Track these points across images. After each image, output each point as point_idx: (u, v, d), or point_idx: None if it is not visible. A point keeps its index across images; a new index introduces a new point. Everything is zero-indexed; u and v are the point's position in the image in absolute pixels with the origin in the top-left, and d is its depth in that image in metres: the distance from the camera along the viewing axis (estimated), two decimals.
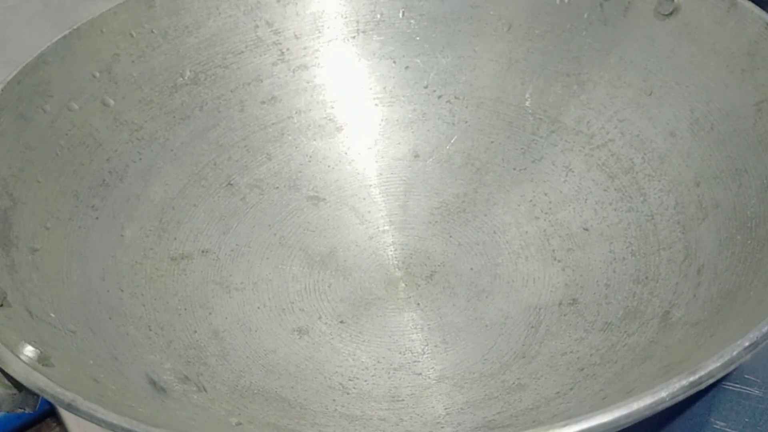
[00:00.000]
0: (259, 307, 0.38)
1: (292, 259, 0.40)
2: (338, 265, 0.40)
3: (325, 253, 0.41)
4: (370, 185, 0.44)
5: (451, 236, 0.41)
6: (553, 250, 0.39)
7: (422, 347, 0.36)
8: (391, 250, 0.41)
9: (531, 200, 0.41)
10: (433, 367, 0.35)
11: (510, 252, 0.40)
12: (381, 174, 0.45)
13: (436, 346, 0.36)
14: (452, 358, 0.35)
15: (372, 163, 0.45)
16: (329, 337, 0.37)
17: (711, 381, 0.22)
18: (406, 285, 0.39)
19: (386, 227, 0.42)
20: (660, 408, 0.22)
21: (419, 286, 0.39)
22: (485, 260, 0.40)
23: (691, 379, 0.22)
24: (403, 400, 0.34)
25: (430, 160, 0.45)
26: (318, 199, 0.43)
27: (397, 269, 0.40)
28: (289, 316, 0.38)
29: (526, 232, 0.40)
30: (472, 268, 0.39)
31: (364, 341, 0.37)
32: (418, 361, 0.36)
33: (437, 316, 0.37)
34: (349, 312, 0.38)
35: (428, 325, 0.37)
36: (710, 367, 0.22)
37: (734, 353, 0.23)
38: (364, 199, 0.44)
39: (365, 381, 0.35)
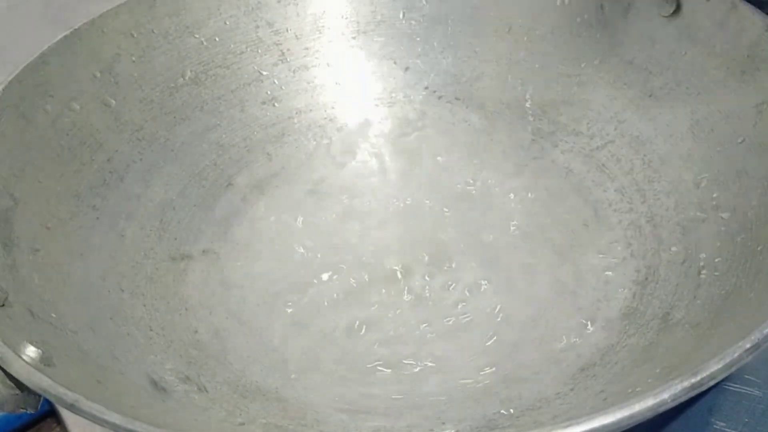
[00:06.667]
0: (258, 304, 0.38)
1: (290, 254, 0.40)
2: (338, 257, 0.40)
3: (325, 247, 0.41)
4: (370, 179, 0.44)
5: (451, 228, 0.41)
6: (553, 245, 0.39)
7: (422, 339, 0.36)
8: (390, 242, 0.41)
9: (531, 194, 0.42)
10: (432, 361, 0.35)
11: (510, 245, 0.40)
12: (381, 168, 0.45)
13: (435, 338, 0.36)
14: (451, 351, 0.35)
15: (372, 159, 0.45)
16: (329, 331, 0.37)
17: (713, 383, 0.22)
18: (405, 276, 0.39)
19: (386, 218, 0.42)
20: (662, 409, 0.22)
21: (419, 277, 0.39)
22: (485, 251, 0.40)
23: (693, 380, 0.22)
24: (403, 396, 0.34)
25: (431, 155, 0.45)
26: (317, 193, 0.43)
27: (396, 261, 0.40)
28: (289, 310, 0.38)
29: (527, 224, 0.40)
30: (472, 259, 0.39)
31: (363, 335, 0.37)
32: (418, 355, 0.35)
33: (436, 307, 0.37)
34: (349, 305, 0.38)
35: (427, 316, 0.37)
36: (712, 368, 0.22)
37: (735, 355, 0.23)
38: (363, 191, 0.44)
39: (365, 376, 0.35)
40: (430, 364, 0.35)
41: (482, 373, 0.34)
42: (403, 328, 0.37)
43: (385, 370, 0.35)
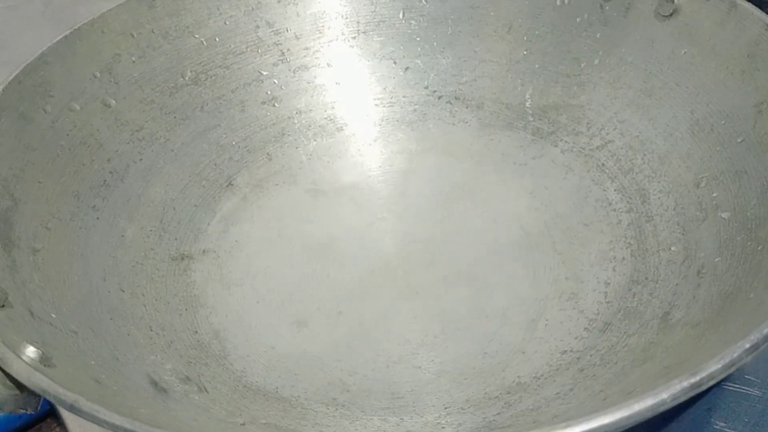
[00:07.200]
0: (258, 302, 0.38)
1: (290, 251, 0.41)
2: (337, 254, 0.40)
3: (324, 243, 0.41)
4: (369, 176, 0.44)
5: (450, 224, 0.41)
6: (554, 242, 0.39)
7: (421, 338, 0.36)
8: (389, 238, 0.41)
9: (531, 192, 0.42)
10: (432, 360, 0.35)
11: (510, 241, 0.40)
12: (381, 166, 0.45)
13: (435, 337, 0.36)
14: (451, 351, 0.35)
15: (371, 156, 0.45)
16: (328, 328, 0.37)
17: (712, 383, 0.22)
18: (404, 273, 0.39)
19: (385, 215, 0.42)
20: (661, 410, 0.22)
21: (418, 273, 0.39)
22: (485, 248, 0.40)
23: (692, 380, 0.22)
24: (403, 397, 0.34)
25: (430, 153, 0.45)
26: (317, 191, 0.44)
27: (395, 257, 0.40)
28: (288, 308, 0.38)
29: (527, 222, 0.40)
30: (471, 256, 0.39)
31: (362, 332, 0.37)
32: (418, 353, 0.35)
33: (436, 305, 0.37)
34: (347, 302, 0.38)
35: (427, 314, 0.37)
36: (711, 368, 0.22)
37: (735, 355, 0.23)
38: (362, 188, 0.44)
39: (365, 375, 0.35)
40: (430, 365, 0.35)
41: (482, 374, 0.34)
42: (403, 327, 0.37)
43: (386, 369, 0.35)
